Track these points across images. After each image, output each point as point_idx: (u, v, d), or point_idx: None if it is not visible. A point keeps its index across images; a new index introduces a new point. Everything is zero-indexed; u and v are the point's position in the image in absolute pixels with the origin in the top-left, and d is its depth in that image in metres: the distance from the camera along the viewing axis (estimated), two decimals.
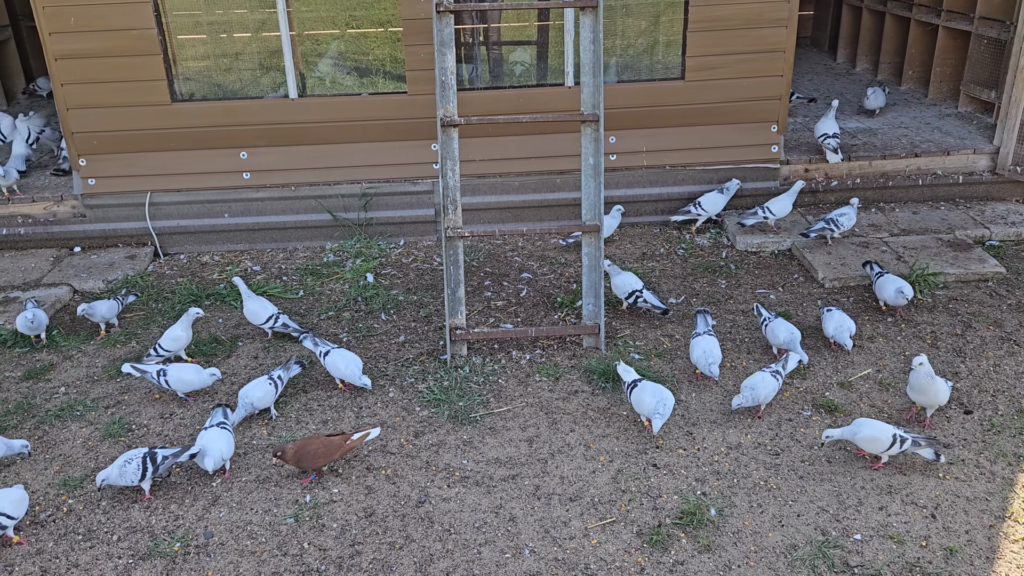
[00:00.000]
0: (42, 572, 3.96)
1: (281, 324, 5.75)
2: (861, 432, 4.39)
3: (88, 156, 6.92)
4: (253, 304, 5.80)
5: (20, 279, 6.70)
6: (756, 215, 6.90)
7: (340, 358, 5.17)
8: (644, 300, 5.83)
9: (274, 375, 5.01)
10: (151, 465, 4.32)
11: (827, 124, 7.42)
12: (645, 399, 4.66)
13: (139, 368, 5.12)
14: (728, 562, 3.90)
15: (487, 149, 7.07)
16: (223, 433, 4.52)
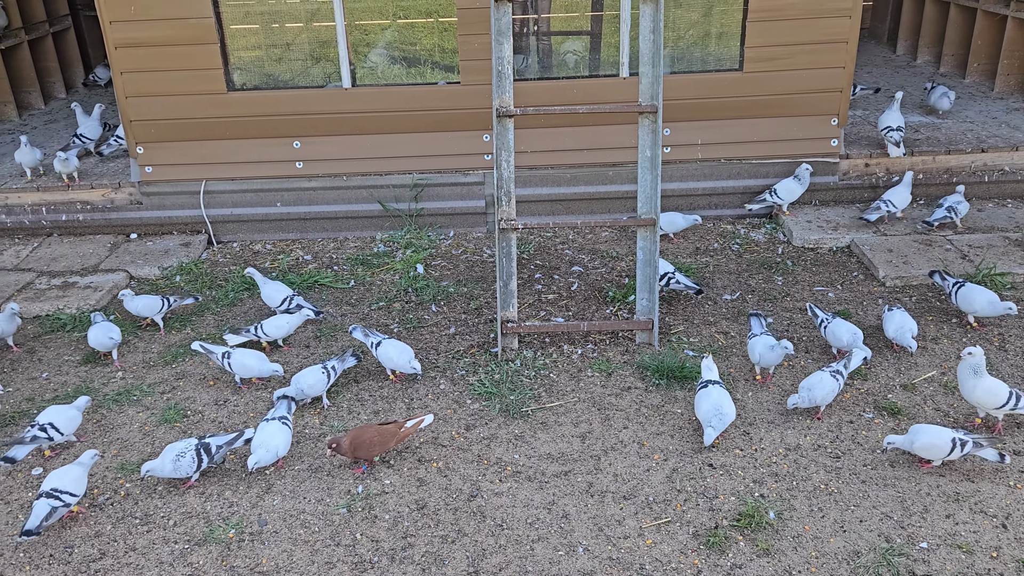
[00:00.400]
0: (100, 555, 4.01)
1: (296, 304, 5.80)
2: (918, 440, 4.25)
3: (145, 144, 7.00)
4: (269, 288, 5.88)
5: (78, 264, 6.82)
6: (879, 209, 6.75)
7: (392, 348, 5.16)
8: (677, 281, 5.82)
9: (328, 365, 5.01)
10: (206, 456, 4.34)
11: (891, 117, 7.20)
12: (703, 405, 4.55)
13: (206, 347, 5.20)
14: (788, 567, 3.80)
15: (539, 140, 7.00)
16: (283, 429, 4.48)
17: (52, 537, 4.11)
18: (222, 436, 4.49)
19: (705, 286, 6.22)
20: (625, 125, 6.81)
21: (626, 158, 7.08)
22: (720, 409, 4.49)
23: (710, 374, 4.74)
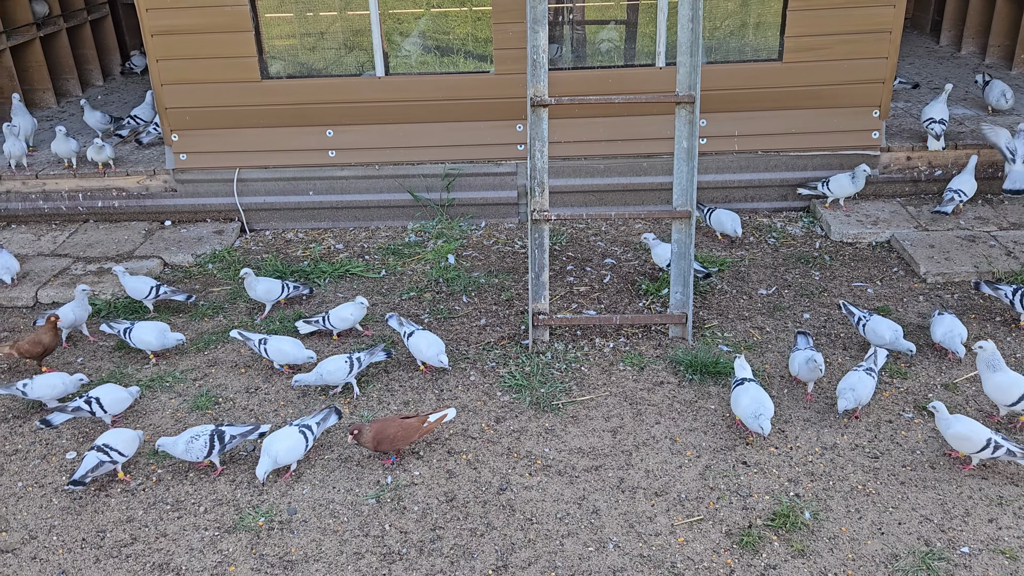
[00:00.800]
0: (132, 539, 4.04)
1: (293, 288, 5.89)
2: (952, 428, 4.17)
3: (180, 131, 7.04)
4: (263, 284, 5.84)
5: (114, 251, 6.87)
6: (952, 200, 6.57)
7: (423, 340, 5.13)
8: None
9: (354, 356, 4.99)
10: (218, 443, 4.33)
11: (936, 108, 7.01)
12: (743, 400, 4.45)
13: (244, 335, 5.24)
14: (824, 569, 3.72)
15: (573, 131, 6.92)
16: (295, 437, 4.32)
17: (84, 521, 4.15)
18: (239, 427, 4.47)
19: (740, 280, 6.12)
20: (660, 115, 6.71)
21: (661, 149, 6.98)
22: (763, 402, 4.40)
23: (744, 372, 4.65)
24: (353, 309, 5.54)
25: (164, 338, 5.34)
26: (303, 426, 4.39)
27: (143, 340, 5.34)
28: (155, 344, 5.33)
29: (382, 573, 3.79)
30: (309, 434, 4.38)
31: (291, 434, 4.33)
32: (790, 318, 5.65)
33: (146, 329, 5.33)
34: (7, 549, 4.01)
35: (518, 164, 7.12)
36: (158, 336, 5.33)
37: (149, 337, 5.32)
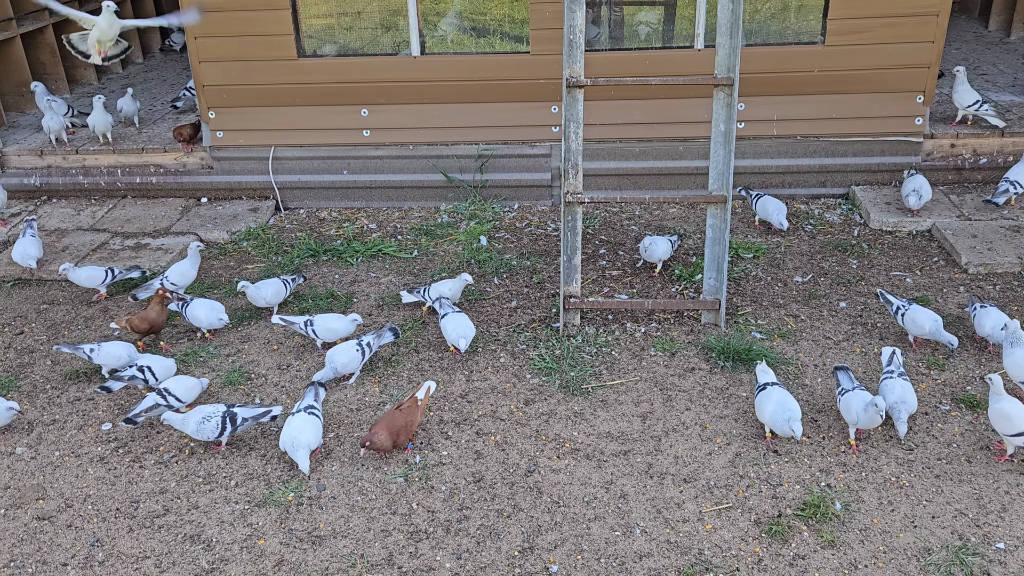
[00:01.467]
0: (164, 511, 4.10)
1: (292, 280, 5.76)
2: (999, 403, 4.13)
3: (217, 109, 7.09)
4: (270, 288, 5.62)
5: (151, 226, 6.96)
6: (1007, 192, 6.36)
7: (451, 322, 5.12)
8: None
9: (363, 341, 4.97)
10: (230, 425, 4.35)
11: (967, 93, 6.82)
12: (767, 406, 4.29)
13: (286, 320, 5.28)
14: (854, 560, 3.67)
15: (608, 113, 6.85)
16: (310, 420, 4.31)
17: (119, 491, 4.23)
18: (251, 408, 4.46)
19: (775, 267, 6.03)
20: (697, 99, 6.62)
21: (697, 133, 6.88)
22: (789, 405, 4.24)
23: (767, 377, 4.49)
24: (453, 285, 5.60)
25: (214, 316, 5.38)
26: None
27: (195, 317, 5.39)
28: (204, 322, 5.38)
29: (409, 551, 3.81)
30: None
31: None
32: (826, 306, 5.56)
33: (200, 306, 5.39)
34: (44, 516, 4.10)
35: (552, 146, 7.08)
36: (207, 314, 5.37)
37: (199, 314, 5.37)
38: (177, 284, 5.70)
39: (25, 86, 8.49)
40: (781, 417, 4.20)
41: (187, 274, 5.77)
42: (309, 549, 3.84)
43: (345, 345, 4.95)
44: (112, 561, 3.83)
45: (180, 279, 5.72)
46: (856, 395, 4.30)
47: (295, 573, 3.72)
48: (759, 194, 6.61)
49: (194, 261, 5.82)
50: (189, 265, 5.80)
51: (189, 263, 5.81)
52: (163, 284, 5.63)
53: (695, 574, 3.63)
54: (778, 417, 4.22)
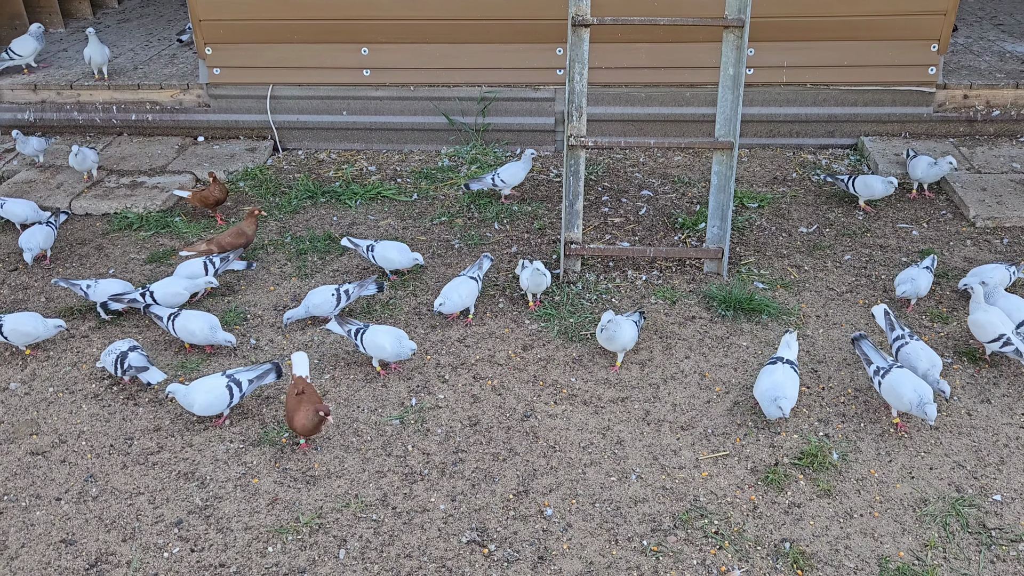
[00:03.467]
0: (159, 448, 4.09)
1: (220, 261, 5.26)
2: (976, 313, 4.36)
3: (214, 45, 6.92)
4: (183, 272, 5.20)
5: (147, 165, 6.85)
6: None
7: (452, 289, 4.83)
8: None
9: (343, 288, 4.86)
10: (238, 392, 4.13)
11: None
12: (762, 383, 4.04)
13: (353, 241, 5.32)
14: (850, 509, 3.65)
15: (614, 56, 6.69)
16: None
17: (113, 428, 4.21)
18: (249, 370, 4.24)
19: (780, 217, 5.94)
20: (706, 43, 6.45)
21: (705, 79, 6.73)
22: (785, 388, 3.95)
23: (787, 351, 4.18)
24: (523, 166, 5.72)
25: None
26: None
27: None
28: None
29: (403, 492, 3.80)
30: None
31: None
32: (830, 258, 5.48)
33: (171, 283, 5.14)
34: (38, 451, 4.08)
35: (556, 90, 6.92)
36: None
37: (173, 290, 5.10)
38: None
39: (19, 18, 8.29)
40: (771, 395, 3.95)
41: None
42: (303, 488, 3.83)
43: (323, 288, 4.86)
44: (106, 496, 3.82)
45: None
46: (903, 377, 3.93)
47: (289, 511, 3.71)
48: (852, 176, 5.94)
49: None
50: None
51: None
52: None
53: (690, 520, 3.62)
54: (768, 395, 3.96)
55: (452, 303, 4.79)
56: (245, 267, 5.34)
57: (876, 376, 4.06)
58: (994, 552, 3.45)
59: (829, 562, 3.43)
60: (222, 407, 4.13)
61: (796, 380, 4.08)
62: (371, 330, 4.44)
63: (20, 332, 4.61)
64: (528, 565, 3.45)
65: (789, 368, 4.09)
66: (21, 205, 5.84)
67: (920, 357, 4.14)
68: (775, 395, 3.96)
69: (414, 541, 3.56)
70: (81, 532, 3.65)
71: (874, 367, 4.10)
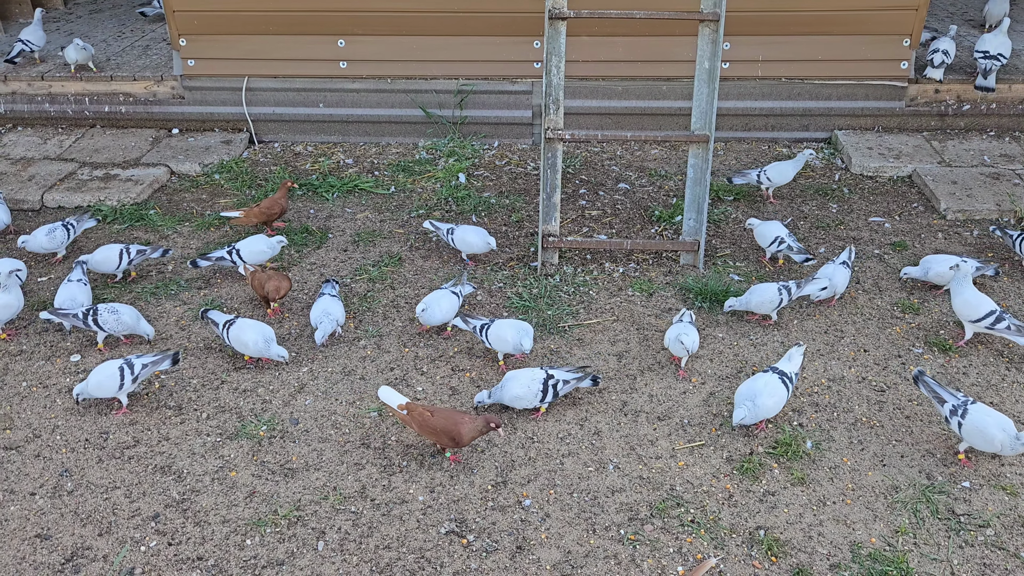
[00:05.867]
0: (134, 442, 4.06)
1: (137, 253, 5.23)
2: (964, 294, 4.48)
3: (188, 36, 6.85)
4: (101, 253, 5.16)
5: (120, 157, 6.78)
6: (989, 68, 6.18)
7: (436, 303, 4.67)
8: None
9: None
10: (129, 375, 4.12)
11: None
12: (743, 388, 3.97)
13: (435, 225, 5.38)
14: (823, 497, 3.71)
15: (591, 50, 6.70)
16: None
17: (88, 422, 4.17)
18: (148, 356, 4.26)
19: (755, 210, 6.00)
20: (683, 37, 6.48)
21: (681, 72, 6.76)
22: (754, 398, 3.88)
23: (787, 364, 4.05)
24: (793, 164, 5.84)
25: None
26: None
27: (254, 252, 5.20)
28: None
29: (382, 483, 3.81)
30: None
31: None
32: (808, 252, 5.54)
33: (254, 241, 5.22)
34: (11, 446, 4.04)
35: (534, 83, 6.94)
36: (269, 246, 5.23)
37: (261, 247, 5.20)
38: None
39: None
40: (738, 399, 3.95)
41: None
42: (281, 481, 3.83)
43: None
44: (81, 491, 3.79)
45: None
46: (984, 415, 3.72)
47: (267, 504, 3.71)
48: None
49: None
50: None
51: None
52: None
53: (666, 509, 3.66)
54: (742, 397, 3.95)
55: (432, 315, 4.61)
56: (161, 254, 5.32)
57: (954, 417, 3.80)
58: (963, 537, 3.52)
59: (803, 548, 3.48)
60: (114, 389, 4.09)
61: (780, 391, 3.93)
62: (496, 324, 4.40)
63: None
64: (507, 555, 3.47)
65: (776, 379, 3.96)
66: None
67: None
68: (742, 400, 3.92)
69: (393, 532, 3.58)
70: (56, 527, 3.62)
71: (948, 406, 3.83)
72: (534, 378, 4.08)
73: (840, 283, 4.85)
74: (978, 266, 4.97)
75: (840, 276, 4.85)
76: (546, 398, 4.09)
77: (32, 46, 7.33)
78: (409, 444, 4.03)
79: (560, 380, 4.11)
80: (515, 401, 4.09)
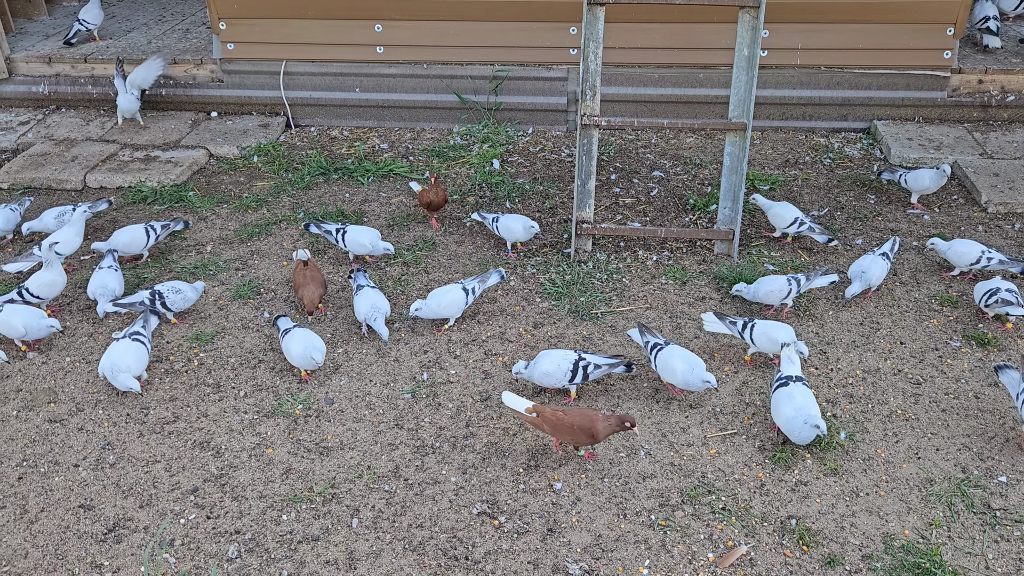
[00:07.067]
0: (174, 417, 4.15)
1: (162, 228, 5.38)
2: (953, 247, 4.91)
3: (228, 20, 6.92)
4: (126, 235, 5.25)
5: (160, 139, 6.88)
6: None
7: (435, 298, 4.63)
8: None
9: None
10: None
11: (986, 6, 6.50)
12: (784, 410, 3.77)
13: (483, 215, 5.42)
14: (856, 488, 3.70)
15: (628, 37, 6.67)
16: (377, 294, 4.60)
17: (129, 397, 4.27)
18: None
19: (791, 200, 5.95)
20: (721, 24, 6.44)
21: (719, 60, 6.71)
22: (810, 409, 3.72)
23: (790, 368, 3.94)
24: (935, 175, 5.65)
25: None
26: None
27: (357, 242, 5.22)
28: (368, 248, 5.21)
29: (415, 464, 3.86)
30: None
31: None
32: (840, 240, 5.49)
33: (360, 232, 5.23)
34: (56, 419, 4.15)
35: (569, 69, 6.92)
36: (372, 239, 5.20)
37: (363, 240, 5.19)
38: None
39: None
40: (798, 422, 3.75)
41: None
42: (317, 459, 3.89)
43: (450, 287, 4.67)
44: (123, 464, 3.88)
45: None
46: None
47: (303, 481, 3.77)
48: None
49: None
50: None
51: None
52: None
53: (698, 496, 3.67)
54: (802, 421, 3.74)
55: (429, 309, 4.54)
56: (183, 227, 5.49)
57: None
58: (998, 532, 3.49)
59: (834, 539, 3.47)
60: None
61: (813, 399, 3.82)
62: (668, 350, 4.14)
63: (10, 325, 4.46)
64: (537, 537, 3.50)
65: (804, 386, 3.86)
66: None
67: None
68: (804, 420, 3.72)
69: (425, 512, 3.62)
70: (99, 498, 3.71)
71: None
72: (565, 358, 4.10)
73: (877, 275, 4.80)
74: (1003, 260, 4.91)
75: (877, 268, 4.80)
76: (575, 379, 4.10)
77: (89, 25, 7.50)
78: (442, 426, 4.07)
79: (592, 364, 4.12)
80: (544, 378, 4.11)
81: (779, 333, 4.24)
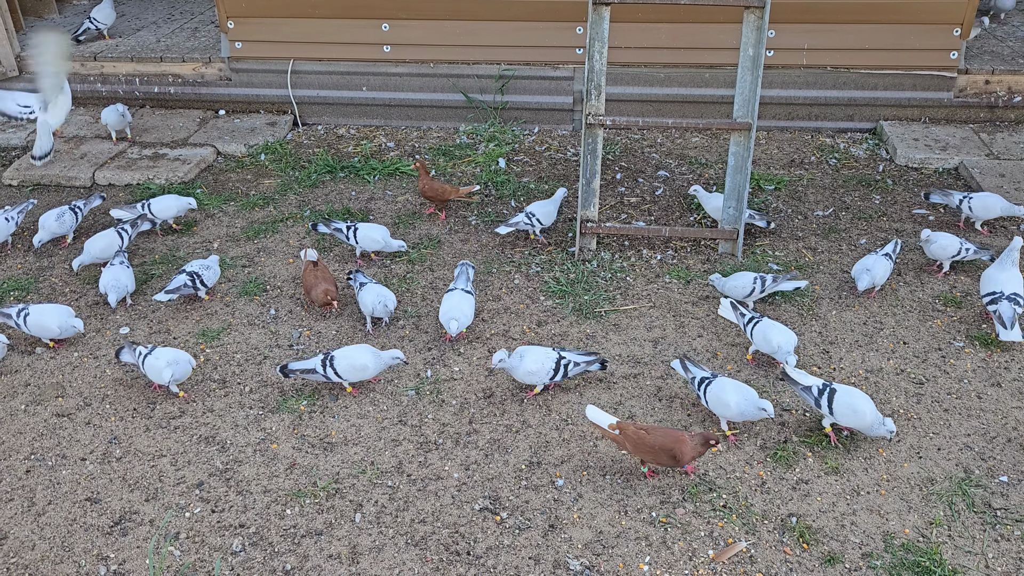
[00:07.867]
0: (180, 412, 4.19)
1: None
2: (937, 241, 4.94)
3: (236, 19, 6.97)
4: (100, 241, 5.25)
5: (168, 137, 6.93)
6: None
7: (459, 310, 4.56)
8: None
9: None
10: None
11: None
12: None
13: (510, 224, 5.40)
14: (856, 487, 3.71)
15: (633, 36, 6.68)
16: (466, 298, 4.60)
17: (136, 392, 4.31)
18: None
19: (796, 200, 5.96)
20: (726, 24, 6.44)
21: (724, 60, 6.72)
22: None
23: (805, 377, 4.00)
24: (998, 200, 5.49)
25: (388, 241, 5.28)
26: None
27: (370, 238, 5.25)
28: (381, 243, 5.24)
29: (418, 460, 3.89)
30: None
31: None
32: (845, 241, 5.51)
33: (373, 229, 5.28)
34: (63, 413, 4.19)
35: (575, 69, 6.94)
36: (384, 235, 5.25)
37: (376, 235, 5.23)
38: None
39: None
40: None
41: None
42: (321, 455, 3.92)
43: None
44: (129, 458, 3.93)
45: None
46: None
47: (307, 476, 3.81)
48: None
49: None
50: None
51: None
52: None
53: (699, 493, 3.69)
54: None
55: (466, 321, 4.51)
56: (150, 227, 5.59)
57: None
58: (999, 531, 3.50)
59: (835, 537, 3.49)
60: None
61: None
62: (718, 383, 3.96)
63: (41, 326, 4.53)
64: (539, 533, 3.53)
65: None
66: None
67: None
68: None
69: (428, 507, 3.65)
70: (105, 491, 3.76)
71: None
72: (548, 356, 4.14)
73: (880, 275, 4.81)
74: (976, 250, 5.03)
75: (880, 268, 4.81)
76: (556, 376, 4.15)
77: (99, 24, 7.57)
78: (445, 423, 4.10)
79: (571, 361, 4.17)
80: (527, 376, 4.14)
81: (776, 335, 4.24)
